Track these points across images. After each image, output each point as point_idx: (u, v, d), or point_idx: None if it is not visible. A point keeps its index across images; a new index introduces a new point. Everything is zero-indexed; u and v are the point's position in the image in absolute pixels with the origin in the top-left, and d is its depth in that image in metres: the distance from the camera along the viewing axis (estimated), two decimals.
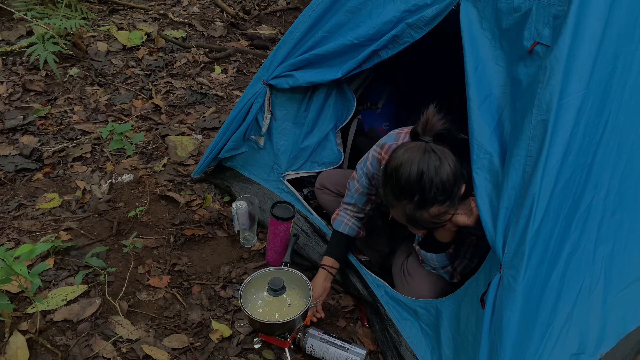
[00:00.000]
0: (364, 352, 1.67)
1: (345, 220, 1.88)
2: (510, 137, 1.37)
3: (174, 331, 1.81)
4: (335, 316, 1.91)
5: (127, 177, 2.49)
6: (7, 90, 3.07)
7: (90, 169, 2.56)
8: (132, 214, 2.22)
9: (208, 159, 2.37)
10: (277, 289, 1.69)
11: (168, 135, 2.83)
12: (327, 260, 1.88)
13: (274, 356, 1.74)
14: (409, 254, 1.84)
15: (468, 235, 1.64)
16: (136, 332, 1.77)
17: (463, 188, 1.44)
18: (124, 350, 1.71)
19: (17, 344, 1.66)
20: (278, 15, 4.62)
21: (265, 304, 1.72)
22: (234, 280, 2.02)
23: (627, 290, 1.52)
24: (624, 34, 1.33)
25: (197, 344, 1.76)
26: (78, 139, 2.77)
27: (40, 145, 2.69)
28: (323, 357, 1.69)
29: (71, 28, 3.33)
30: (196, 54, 3.71)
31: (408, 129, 1.64)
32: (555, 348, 1.36)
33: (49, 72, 3.24)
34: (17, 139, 2.72)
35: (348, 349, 1.67)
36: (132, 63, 3.53)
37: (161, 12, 4.23)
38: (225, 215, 2.32)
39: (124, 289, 1.93)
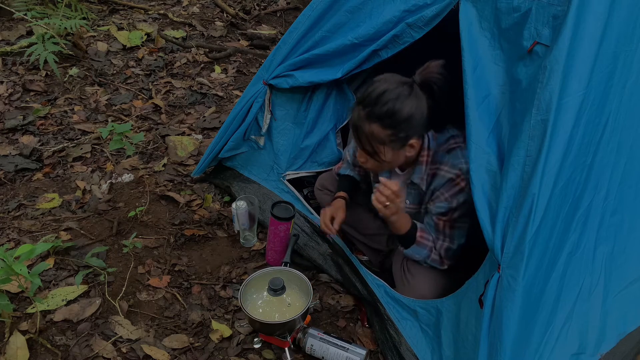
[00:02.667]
0: (364, 352, 1.67)
1: (350, 168, 2.02)
2: (509, 137, 1.37)
3: (174, 331, 1.81)
4: (335, 316, 1.91)
5: (127, 177, 2.49)
6: (7, 90, 3.08)
7: (90, 169, 2.57)
8: (132, 214, 2.22)
9: (208, 159, 2.37)
10: (277, 289, 1.69)
11: (168, 135, 2.84)
12: (341, 193, 1.96)
13: (274, 356, 1.75)
14: None
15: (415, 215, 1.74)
16: (136, 332, 1.77)
17: (413, 141, 1.53)
18: (124, 350, 1.71)
19: (17, 344, 1.66)
20: (278, 15, 4.62)
21: (265, 304, 1.72)
22: (234, 280, 2.02)
23: (627, 290, 1.53)
24: (624, 34, 1.33)
25: (197, 344, 1.76)
26: (78, 139, 2.77)
27: (40, 145, 2.69)
28: (323, 357, 1.69)
29: (71, 28, 3.33)
30: (196, 54, 3.71)
31: None
32: (555, 348, 1.36)
33: (49, 72, 3.24)
34: (17, 139, 2.72)
35: (348, 349, 1.67)
36: (132, 63, 3.54)
37: (161, 12, 4.24)
38: (225, 215, 2.33)
39: (124, 289, 1.93)
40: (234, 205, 2.12)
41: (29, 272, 1.57)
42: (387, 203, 1.53)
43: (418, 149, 1.60)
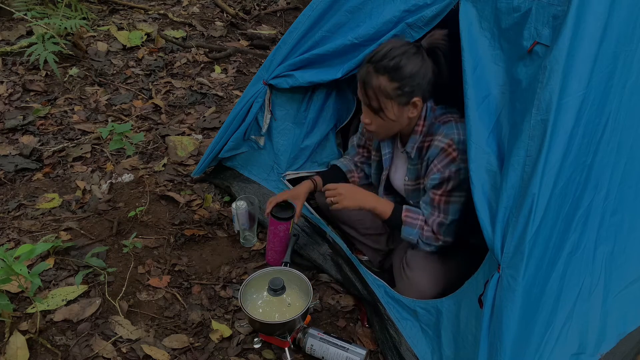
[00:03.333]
0: (364, 352, 1.67)
1: (342, 160, 2.10)
2: (509, 137, 1.37)
3: (174, 331, 1.81)
4: (335, 316, 1.91)
5: (127, 177, 2.49)
6: (7, 90, 3.08)
7: (90, 169, 2.57)
8: (132, 214, 2.22)
9: (208, 159, 2.37)
10: (277, 289, 1.69)
11: (168, 135, 2.83)
12: (316, 177, 2.03)
13: (274, 356, 1.75)
14: (409, 249, 1.84)
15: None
16: (136, 332, 1.77)
17: (416, 99, 1.59)
18: (124, 350, 1.71)
19: (17, 344, 1.66)
20: (278, 15, 4.62)
21: (265, 304, 1.72)
22: (234, 280, 2.02)
23: (627, 290, 1.52)
24: (624, 34, 1.33)
25: (197, 344, 1.76)
26: (78, 139, 2.77)
27: (40, 145, 2.69)
28: (323, 357, 1.69)
29: (71, 28, 3.33)
30: (196, 54, 3.71)
31: None
32: (555, 348, 1.36)
33: (49, 72, 3.24)
34: (17, 139, 2.72)
35: (348, 349, 1.67)
36: (132, 63, 3.54)
37: (161, 12, 4.24)
38: (225, 215, 2.33)
39: (124, 289, 1.93)
40: (234, 205, 2.12)
41: (29, 272, 1.57)
42: (332, 198, 1.73)
43: (419, 111, 1.65)
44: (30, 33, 3.63)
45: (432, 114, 1.69)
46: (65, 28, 3.33)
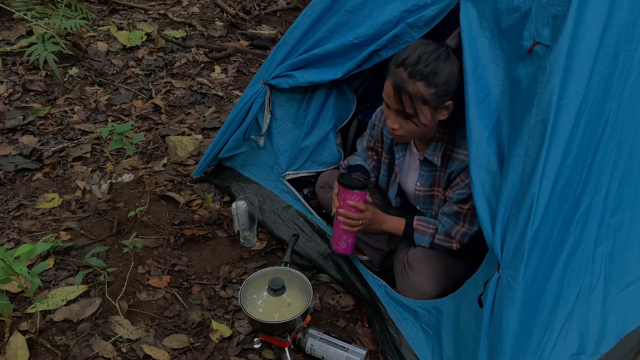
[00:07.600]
0: (364, 352, 1.67)
1: (362, 161, 2.00)
2: (509, 137, 1.37)
3: (174, 331, 1.81)
4: (335, 316, 1.91)
5: (127, 177, 2.49)
6: (7, 90, 3.08)
7: (90, 169, 2.57)
8: (132, 214, 2.22)
9: (208, 159, 2.37)
10: (277, 289, 1.69)
11: (168, 135, 2.84)
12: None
13: (274, 356, 1.75)
14: (410, 249, 1.84)
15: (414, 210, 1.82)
16: (136, 332, 1.77)
17: (448, 103, 1.55)
18: (124, 350, 1.71)
19: (17, 344, 1.67)
20: (278, 15, 4.62)
21: (265, 304, 1.72)
22: (234, 280, 2.02)
23: (627, 290, 1.52)
24: (624, 34, 1.32)
25: (197, 344, 1.76)
26: (78, 139, 2.77)
27: (40, 145, 2.69)
28: (323, 357, 1.69)
29: (71, 28, 3.33)
30: (196, 54, 3.72)
31: None
32: (555, 348, 1.36)
33: (49, 72, 3.24)
34: (17, 139, 2.72)
35: (348, 349, 1.67)
36: (132, 63, 3.54)
37: (161, 12, 4.24)
38: (225, 215, 2.33)
39: (124, 289, 1.93)
40: (234, 205, 2.12)
41: (29, 272, 1.57)
42: (359, 221, 1.71)
43: (451, 111, 1.60)
44: (30, 33, 3.64)
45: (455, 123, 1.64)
46: (65, 28, 3.33)
